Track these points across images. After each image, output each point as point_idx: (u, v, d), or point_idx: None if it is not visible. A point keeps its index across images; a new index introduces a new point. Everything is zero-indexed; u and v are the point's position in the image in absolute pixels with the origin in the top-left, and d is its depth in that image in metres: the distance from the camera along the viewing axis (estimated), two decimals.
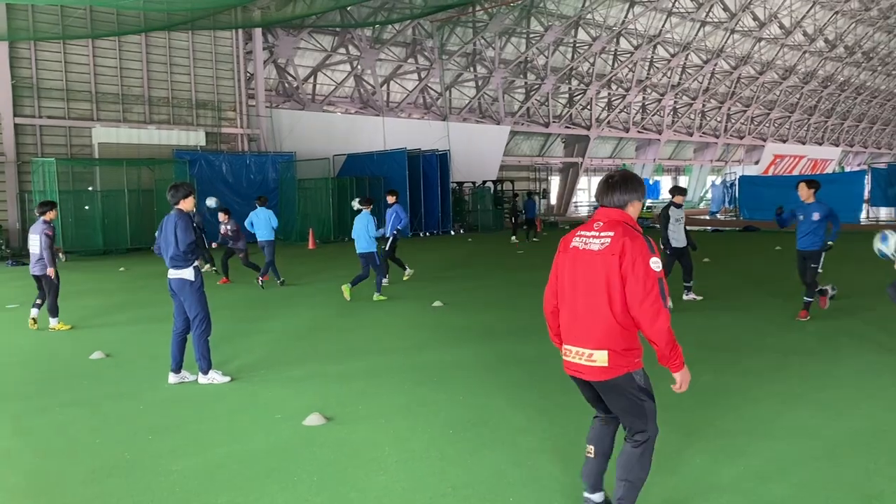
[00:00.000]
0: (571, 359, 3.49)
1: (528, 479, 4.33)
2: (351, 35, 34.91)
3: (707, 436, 4.95)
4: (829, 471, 4.35)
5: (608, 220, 3.45)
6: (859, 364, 6.88)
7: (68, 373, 7.25)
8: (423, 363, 7.33)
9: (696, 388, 5.83)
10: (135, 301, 12.22)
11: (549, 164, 48.39)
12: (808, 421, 5.25)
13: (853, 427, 5.12)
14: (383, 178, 28.26)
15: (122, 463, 4.73)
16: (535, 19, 40.85)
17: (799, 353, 7.36)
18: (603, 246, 3.36)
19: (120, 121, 25.12)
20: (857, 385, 6.18)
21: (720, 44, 50.72)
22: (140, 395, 6.34)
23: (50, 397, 6.35)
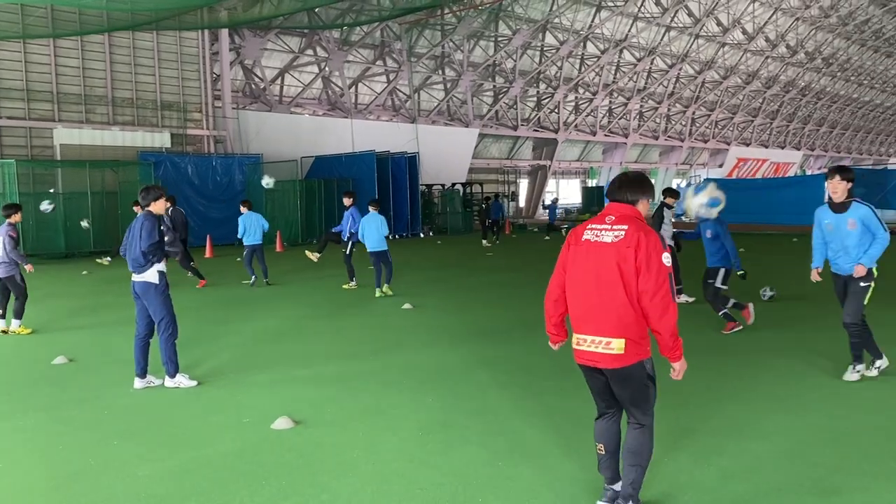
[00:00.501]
0: (586, 347, 3.60)
1: (498, 479, 4.36)
2: (319, 36, 34.75)
3: (677, 436, 5.04)
4: (792, 469, 4.46)
5: (620, 214, 3.60)
6: (825, 365, 7.05)
7: (31, 378, 7.11)
8: (393, 365, 7.33)
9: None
10: (98, 305, 12.01)
11: (518, 166, 48.67)
12: (774, 421, 5.36)
13: (817, 425, 5.24)
14: (352, 179, 28.16)
15: (88, 469, 4.66)
16: (504, 23, 41.08)
17: (762, 353, 7.50)
18: (617, 238, 3.51)
19: (83, 122, 24.68)
20: (819, 386, 6.33)
21: (685, 48, 51.52)
22: (105, 400, 6.25)
23: (12, 403, 6.22)
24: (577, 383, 6.35)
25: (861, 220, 6.03)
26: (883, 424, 5.21)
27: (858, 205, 6.08)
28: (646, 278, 3.42)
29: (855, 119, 76.09)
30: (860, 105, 74.19)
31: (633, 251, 3.44)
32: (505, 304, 11.24)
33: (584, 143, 51.76)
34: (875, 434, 5.01)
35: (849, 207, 6.08)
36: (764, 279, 12.09)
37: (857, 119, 76.37)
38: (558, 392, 6.14)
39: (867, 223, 6.04)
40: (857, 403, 5.72)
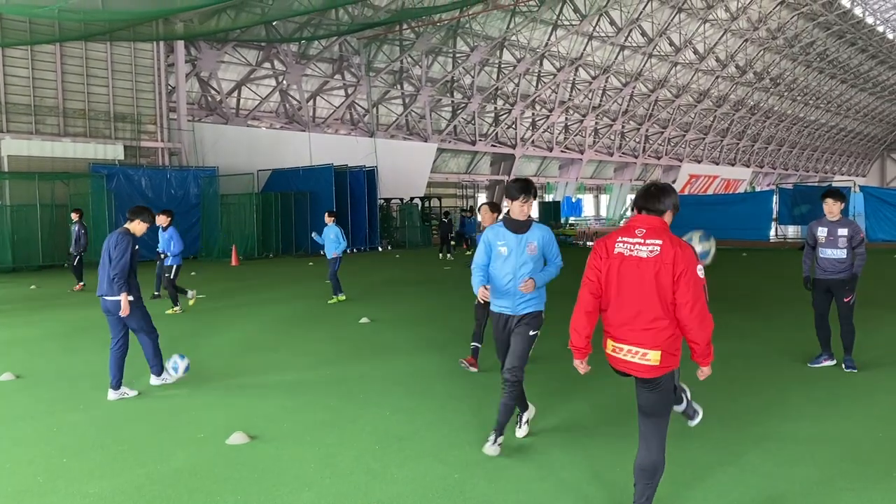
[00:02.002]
0: (622, 356, 3.71)
1: (454, 492, 4.40)
2: (276, 50, 34.60)
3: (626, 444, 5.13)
4: (737, 475, 4.59)
5: (650, 227, 3.69)
6: (768, 374, 7.26)
7: None
8: (350, 379, 7.32)
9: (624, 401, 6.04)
10: (46, 320, 11.72)
11: (476, 181, 49.01)
12: (719, 431, 5.51)
13: (758, 434, 5.41)
14: (309, 193, 28.02)
15: (35, 486, 4.56)
16: (462, 39, 41.48)
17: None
18: (652, 253, 3.61)
19: (32, 133, 24.09)
20: (765, 395, 6.53)
21: (638, 67, 52.66)
22: (53, 417, 6.11)
23: None
24: (533, 397, 6.45)
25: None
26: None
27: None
28: (683, 291, 3.53)
29: (802, 137, 78.59)
30: (807, 124, 76.69)
31: (671, 266, 3.55)
32: (462, 317, 11.29)
33: (541, 158, 52.40)
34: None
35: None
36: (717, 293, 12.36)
37: (803, 137, 78.89)
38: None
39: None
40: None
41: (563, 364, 7.41)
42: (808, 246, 7.54)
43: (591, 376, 4.54)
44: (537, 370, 7.23)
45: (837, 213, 7.19)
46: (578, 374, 4.13)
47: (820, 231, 7.28)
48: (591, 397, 6.42)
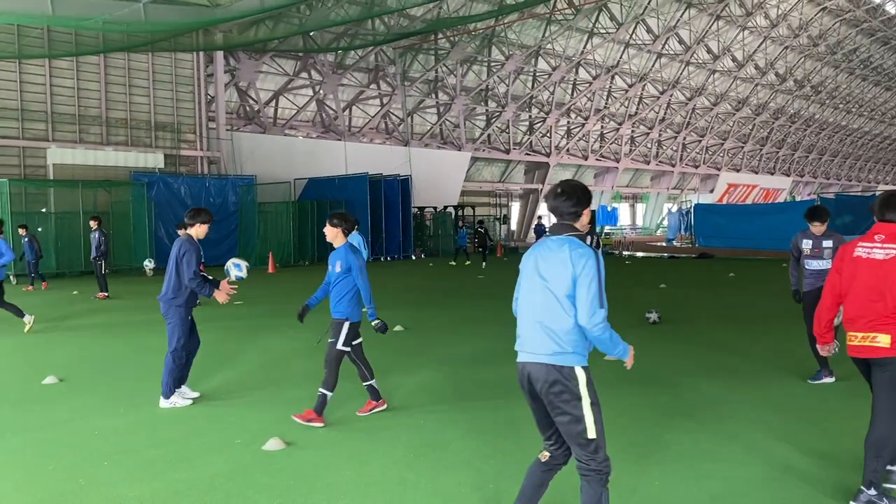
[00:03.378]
0: (857, 343, 4.25)
1: (488, 502, 4.37)
2: (313, 60, 35.03)
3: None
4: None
5: (889, 233, 4.25)
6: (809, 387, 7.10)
7: (21, 398, 7.07)
8: (384, 387, 7.33)
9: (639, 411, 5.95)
10: (88, 324, 11.97)
11: (510, 190, 48.94)
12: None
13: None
14: (344, 201, 28.25)
15: (76, 489, 4.65)
16: (496, 48, 41.53)
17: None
18: (888, 256, 4.19)
19: (76, 142, 24.72)
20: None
21: (676, 75, 52.16)
22: (94, 421, 6.23)
23: (3, 423, 6.19)
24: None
25: None
26: None
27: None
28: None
29: (844, 146, 77.00)
30: (849, 132, 75.12)
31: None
32: (496, 327, 11.24)
33: (576, 166, 52.13)
34: None
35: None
36: (754, 304, 12.18)
37: (845, 146, 77.28)
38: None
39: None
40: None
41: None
42: (793, 258, 7.51)
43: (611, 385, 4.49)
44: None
45: (823, 229, 7.21)
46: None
47: (805, 243, 7.30)
48: (617, 405, 6.34)
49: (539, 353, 3.45)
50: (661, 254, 31.26)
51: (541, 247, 3.60)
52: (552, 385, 3.40)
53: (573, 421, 3.39)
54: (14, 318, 11.38)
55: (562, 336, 3.40)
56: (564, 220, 3.55)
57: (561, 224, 3.55)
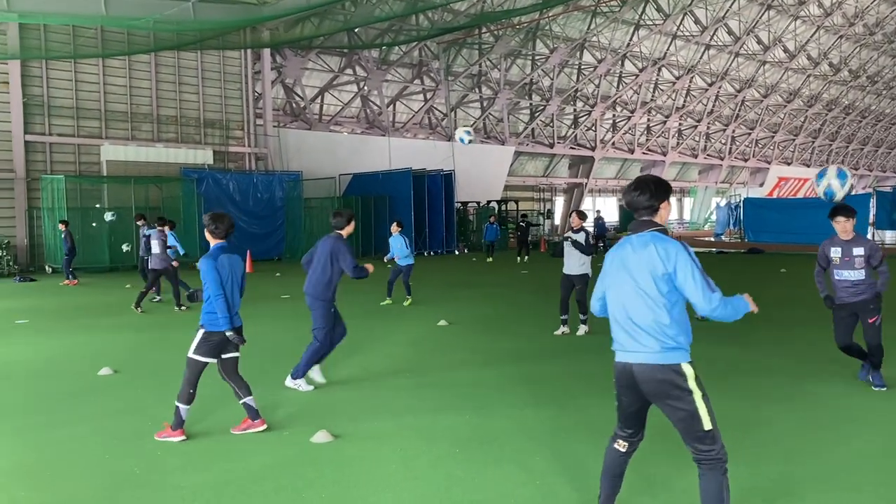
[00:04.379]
0: None
1: (535, 498, 4.36)
2: (358, 56, 35.27)
3: None
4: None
5: None
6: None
7: (78, 388, 7.30)
8: (429, 382, 7.36)
9: None
10: (140, 317, 12.28)
11: (554, 184, 48.59)
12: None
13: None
14: (388, 197, 28.43)
15: (133, 478, 4.78)
16: (541, 41, 41.23)
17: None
18: None
19: (128, 139, 25.35)
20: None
21: (724, 67, 51.08)
22: (148, 411, 6.39)
23: (60, 413, 6.39)
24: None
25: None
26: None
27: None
28: None
29: None
30: None
31: None
32: (540, 321, 11.19)
33: (622, 160, 51.51)
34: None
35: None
36: (805, 300, 11.88)
37: None
38: (597, 411, 6.11)
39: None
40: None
41: None
42: (819, 268, 6.88)
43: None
44: None
45: (851, 230, 6.53)
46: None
47: (833, 252, 6.62)
48: None
49: (642, 352, 3.43)
50: (708, 249, 30.69)
51: (625, 246, 3.55)
52: (662, 384, 3.39)
53: (689, 417, 3.38)
54: (70, 313, 11.73)
55: (662, 333, 3.38)
56: (642, 216, 3.52)
57: (640, 221, 3.52)
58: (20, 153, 22.98)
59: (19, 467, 5.03)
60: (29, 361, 8.74)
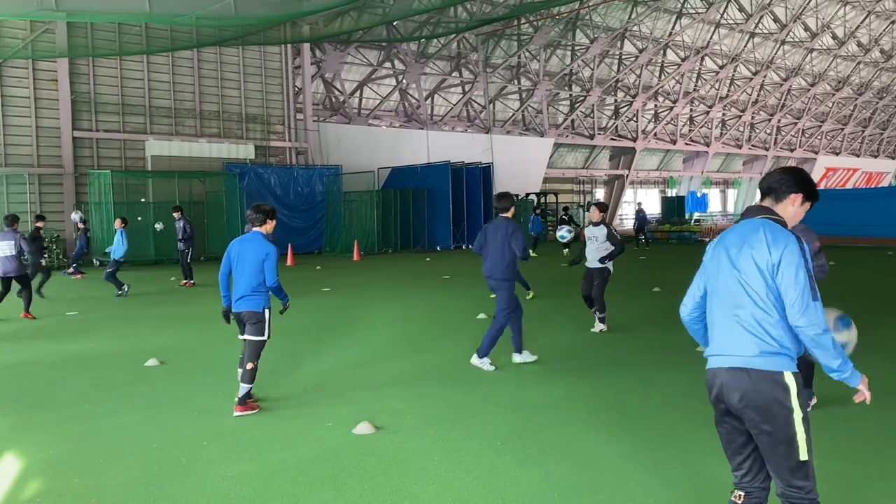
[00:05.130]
0: None
1: (578, 491, 4.30)
2: (396, 49, 35.32)
3: None
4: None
5: None
6: None
7: (125, 379, 7.44)
8: (470, 374, 7.34)
9: None
10: (185, 309, 12.49)
11: (594, 176, 48.10)
12: None
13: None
14: (427, 190, 28.44)
15: (179, 468, 4.85)
16: (581, 31, 40.78)
17: None
18: None
19: (172, 134, 25.79)
20: None
21: (770, 55, 49.92)
22: (193, 402, 6.48)
23: (109, 403, 6.53)
24: (658, 400, 6.24)
25: None
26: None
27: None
28: None
29: None
30: None
31: None
32: (579, 313, 11.08)
33: (664, 151, 50.74)
34: None
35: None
36: (856, 295, 11.54)
37: None
38: (639, 406, 6.02)
39: None
40: None
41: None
42: None
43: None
44: None
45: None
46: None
47: None
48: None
49: (736, 355, 2.88)
50: None
51: (731, 233, 3.06)
52: (754, 396, 2.80)
53: (781, 441, 2.78)
54: (117, 305, 11.98)
55: (764, 333, 2.84)
56: (764, 202, 3.06)
57: (757, 206, 3.06)
58: (68, 149, 23.56)
59: (71, 455, 5.15)
60: (78, 352, 8.94)
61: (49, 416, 6.15)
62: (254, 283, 6.02)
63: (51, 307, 12.97)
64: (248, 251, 6.06)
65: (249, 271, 6.03)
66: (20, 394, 6.91)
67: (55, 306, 13.13)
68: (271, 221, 6.26)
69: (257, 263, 6.01)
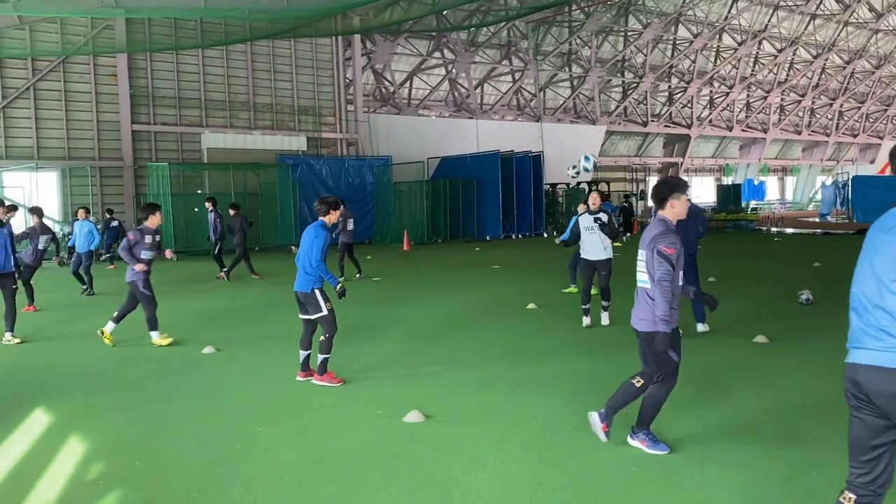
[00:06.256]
0: None
1: (631, 485, 4.26)
2: (446, 39, 35.27)
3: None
4: None
5: None
6: None
7: (183, 366, 7.65)
8: (519, 365, 7.32)
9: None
10: (241, 299, 12.76)
11: (647, 164, 47.31)
12: None
13: None
14: (476, 179, 28.39)
15: (234, 452, 4.96)
16: (634, 17, 40.07)
17: None
18: None
19: (227, 127, 26.30)
20: None
21: (832, 37, 48.23)
22: (248, 389, 6.63)
23: (167, 388, 6.72)
24: (709, 393, 6.12)
25: None
26: None
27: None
28: None
29: None
30: None
31: None
32: (628, 306, 10.92)
33: (720, 138, 49.59)
34: None
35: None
36: None
37: None
38: (689, 401, 5.91)
39: None
40: None
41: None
42: None
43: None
44: None
45: None
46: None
47: None
48: (745, 401, 5.96)
49: (872, 350, 2.67)
50: (813, 230, 29.21)
51: (883, 217, 2.78)
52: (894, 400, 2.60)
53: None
54: (175, 293, 12.26)
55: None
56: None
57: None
58: (128, 142, 24.25)
59: (132, 439, 5.32)
60: (139, 339, 9.21)
61: (111, 401, 6.37)
62: (305, 265, 6.55)
63: (110, 297, 13.40)
64: (305, 237, 6.62)
65: (303, 255, 6.57)
66: (85, 380, 7.17)
67: (116, 296, 13.56)
68: (334, 212, 6.67)
69: (309, 248, 6.52)
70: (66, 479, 4.56)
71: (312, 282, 6.54)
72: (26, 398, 6.47)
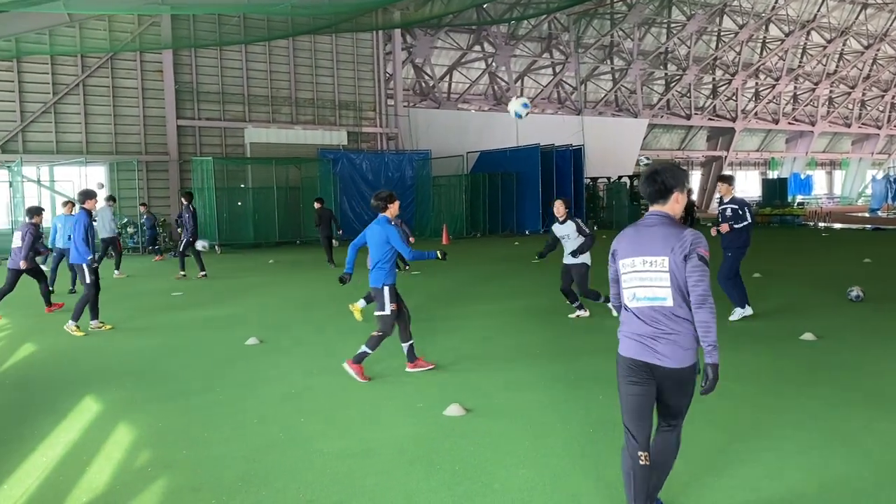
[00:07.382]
0: None
1: (673, 482, 4.20)
2: (486, 32, 35.14)
3: None
4: None
5: None
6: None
7: (228, 357, 7.77)
8: (560, 361, 7.27)
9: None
10: (284, 291, 12.91)
11: (691, 157, 46.57)
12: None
13: None
14: (516, 174, 28.26)
15: (278, 442, 5.03)
16: (677, 8, 39.43)
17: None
18: None
19: (269, 121, 26.61)
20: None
21: (884, 27, 46.79)
22: (291, 380, 6.70)
23: (212, 379, 6.84)
24: (755, 390, 6.00)
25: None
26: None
27: None
28: None
29: None
30: None
31: None
32: None
33: (765, 131, 48.55)
34: None
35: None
36: None
37: None
38: (728, 397, 5.81)
39: None
40: None
41: None
42: None
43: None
44: None
45: None
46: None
47: None
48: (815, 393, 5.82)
49: None
50: (863, 225, 28.42)
51: None
52: None
53: None
54: (219, 286, 12.45)
55: None
56: None
57: None
58: (173, 137, 24.71)
59: (177, 428, 5.42)
60: (184, 331, 9.39)
61: (156, 390, 6.50)
62: (375, 260, 6.63)
63: (160, 289, 13.68)
64: (373, 233, 6.67)
65: (373, 250, 6.66)
66: (133, 370, 7.33)
67: (161, 289, 13.84)
68: (392, 205, 6.71)
69: (380, 245, 6.60)
70: (115, 466, 4.67)
71: (383, 277, 6.62)
72: (77, 387, 6.64)
